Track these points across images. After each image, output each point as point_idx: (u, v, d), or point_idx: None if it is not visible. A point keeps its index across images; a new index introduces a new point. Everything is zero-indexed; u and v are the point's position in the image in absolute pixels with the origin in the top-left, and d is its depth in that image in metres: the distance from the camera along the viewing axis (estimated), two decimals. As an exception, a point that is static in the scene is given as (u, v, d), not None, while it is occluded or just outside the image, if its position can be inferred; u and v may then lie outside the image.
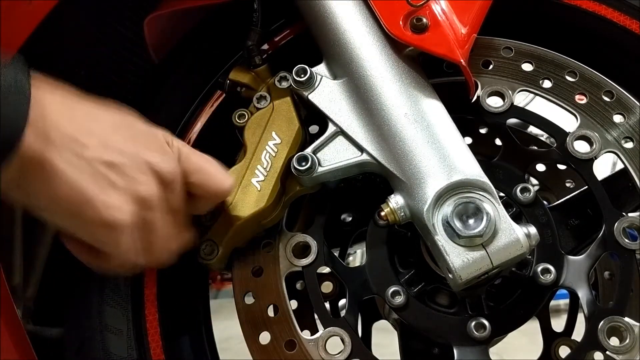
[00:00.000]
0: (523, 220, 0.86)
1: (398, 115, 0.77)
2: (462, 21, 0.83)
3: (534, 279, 0.82)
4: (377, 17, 0.80)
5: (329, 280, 1.04)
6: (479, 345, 0.81)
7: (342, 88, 0.81)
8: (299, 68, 0.82)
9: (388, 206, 0.78)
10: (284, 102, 0.85)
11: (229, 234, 0.80)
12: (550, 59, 0.90)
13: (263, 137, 0.83)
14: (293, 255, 0.84)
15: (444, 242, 0.73)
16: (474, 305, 0.85)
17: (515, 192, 0.86)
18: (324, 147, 0.80)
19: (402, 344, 0.92)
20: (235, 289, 0.84)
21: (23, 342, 0.77)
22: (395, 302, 0.83)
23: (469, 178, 0.75)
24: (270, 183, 0.81)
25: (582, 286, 0.83)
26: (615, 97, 0.87)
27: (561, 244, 0.85)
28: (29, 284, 0.93)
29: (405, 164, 0.76)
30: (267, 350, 0.81)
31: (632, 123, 0.86)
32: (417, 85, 0.80)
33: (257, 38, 0.88)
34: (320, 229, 0.86)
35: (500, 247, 0.73)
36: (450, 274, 0.73)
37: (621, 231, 0.82)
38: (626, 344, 0.78)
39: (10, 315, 0.75)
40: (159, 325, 0.86)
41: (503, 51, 0.91)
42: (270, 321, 0.82)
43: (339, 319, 0.83)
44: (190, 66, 0.97)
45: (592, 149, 0.86)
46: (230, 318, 0.95)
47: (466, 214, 0.73)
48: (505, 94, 0.89)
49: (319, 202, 0.88)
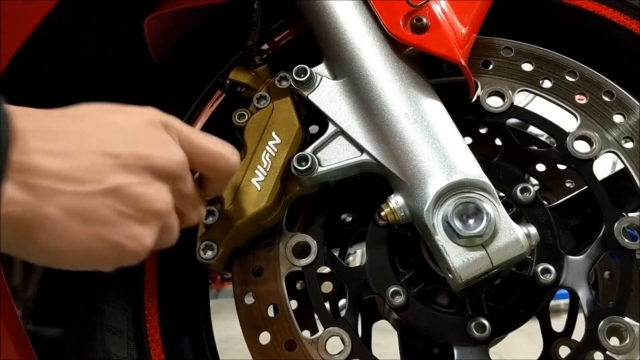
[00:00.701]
0: (523, 220, 0.86)
1: (398, 115, 0.77)
2: (462, 21, 0.83)
3: (534, 279, 0.82)
4: (377, 17, 0.80)
5: (329, 280, 1.04)
6: (479, 345, 0.81)
7: (342, 88, 0.81)
8: (299, 68, 0.82)
9: (388, 206, 0.78)
10: (284, 102, 0.85)
11: (229, 234, 0.80)
12: (550, 59, 0.90)
13: (263, 137, 0.83)
14: (293, 255, 0.84)
15: (444, 242, 0.73)
16: (474, 305, 0.85)
17: (515, 192, 0.86)
18: (324, 147, 0.80)
19: (402, 344, 0.92)
20: (235, 289, 0.84)
21: (23, 342, 0.77)
22: (395, 302, 0.83)
23: (469, 178, 0.75)
24: (270, 183, 0.81)
25: (582, 286, 0.83)
26: (615, 97, 0.87)
27: (561, 244, 0.85)
28: (29, 284, 0.93)
29: (405, 164, 0.76)
30: (267, 350, 0.81)
31: (632, 123, 0.86)
32: (417, 85, 0.80)
33: (257, 38, 0.88)
34: (320, 229, 0.86)
35: (500, 247, 0.73)
36: (450, 274, 0.73)
37: (621, 231, 0.82)
38: (626, 344, 0.78)
39: (10, 315, 0.75)
40: (159, 325, 0.87)
41: (503, 51, 0.91)
42: (270, 321, 0.82)
43: (339, 319, 0.83)
44: (190, 66, 0.97)
45: (592, 149, 0.86)
46: (230, 318, 0.95)
47: (466, 214, 0.73)
48: (505, 94, 0.89)
49: (319, 202, 0.88)
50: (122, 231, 0.54)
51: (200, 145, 0.64)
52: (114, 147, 0.54)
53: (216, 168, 0.67)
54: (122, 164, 0.54)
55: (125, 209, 0.54)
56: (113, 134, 0.56)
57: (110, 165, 0.53)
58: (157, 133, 0.59)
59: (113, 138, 0.55)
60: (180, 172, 0.60)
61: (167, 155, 0.58)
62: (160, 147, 0.58)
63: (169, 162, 0.58)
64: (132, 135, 0.57)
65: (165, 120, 0.61)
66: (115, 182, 0.53)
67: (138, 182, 0.55)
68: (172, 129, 0.61)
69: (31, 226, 0.49)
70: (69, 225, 0.50)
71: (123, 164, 0.54)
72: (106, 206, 0.52)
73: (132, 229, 0.54)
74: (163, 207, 0.57)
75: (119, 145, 0.55)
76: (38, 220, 0.49)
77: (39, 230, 0.49)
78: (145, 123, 0.59)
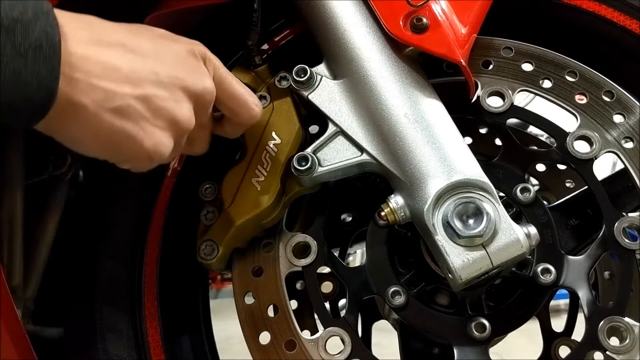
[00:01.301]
0: (523, 220, 0.86)
1: (398, 115, 0.77)
2: (462, 21, 0.83)
3: (534, 279, 0.82)
4: (377, 17, 0.80)
5: (329, 280, 1.04)
6: (479, 345, 0.81)
7: (342, 88, 0.81)
8: (299, 68, 0.82)
9: (388, 206, 0.78)
10: (284, 102, 0.85)
11: (229, 234, 0.80)
12: (550, 59, 0.90)
13: (263, 137, 0.83)
14: (293, 255, 0.84)
15: (444, 242, 0.73)
16: (474, 305, 0.85)
17: (515, 192, 0.86)
18: (324, 147, 0.80)
19: (402, 344, 0.92)
20: (235, 289, 0.84)
21: (23, 342, 0.77)
22: (395, 302, 0.83)
23: (469, 178, 0.75)
24: (270, 183, 0.81)
25: (582, 286, 0.83)
26: (615, 97, 0.87)
27: (561, 244, 0.85)
28: (29, 284, 0.93)
29: (405, 164, 0.76)
30: (267, 350, 0.81)
31: (632, 123, 0.86)
32: (417, 85, 0.80)
33: (257, 38, 0.88)
34: (320, 229, 0.86)
35: (500, 247, 0.73)
36: (450, 274, 0.73)
37: (621, 231, 0.82)
38: (626, 344, 0.78)
39: (10, 315, 0.75)
40: (159, 325, 0.87)
41: (503, 51, 0.91)
42: (270, 321, 0.82)
43: (339, 319, 0.83)
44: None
45: (592, 149, 0.86)
46: (230, 318, 0.95)
47: (466, 214, 0.73)
48: (505, 94, 0.89)
49: (319, 202, 0.88)
50: (144, 132, 0.60)
51: (229, 87, 0.71)
52: (155, 64, 0.61)
53: (238, 113, 0.73)
54: (159, 80, 0.61)
55: (151, 116, 0.60)
56: (157, 53, 0.63)
57: (149, 77, 0.60)
58: (196, 62, 0.66)
59: (157, 56, 0.62)
60: (205, 100, 0.67)
61: (199, 82, 0.65)
62: (195, 74, 0.65)
63: (199, 88, 0.65)
64: (174, 59, 0.64)
65: (206, 54, 0.68)
66: (149, 92, 0.60)
67: (169, 97, 0.62)
68: (210, 63, 0.68)
69: (64, 112, 0.54)
70: (99, 117, 0.56)
71: (160, 80, 0.61)
72: (136, 109, 0.59)
73: (154, 132, 0.61)
74: (185, 120, 0.64)
75: (160, 63, 0.62)
76: (76, 111, 0.55)
77: (75, 118, 0.55)
78: (187, 51, 0.66)
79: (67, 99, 0.54)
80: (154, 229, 0.91)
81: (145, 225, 0.90)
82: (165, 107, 0.61)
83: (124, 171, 0.67)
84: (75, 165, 0.97)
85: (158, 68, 0.61)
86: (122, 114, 0.58)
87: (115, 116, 0.57)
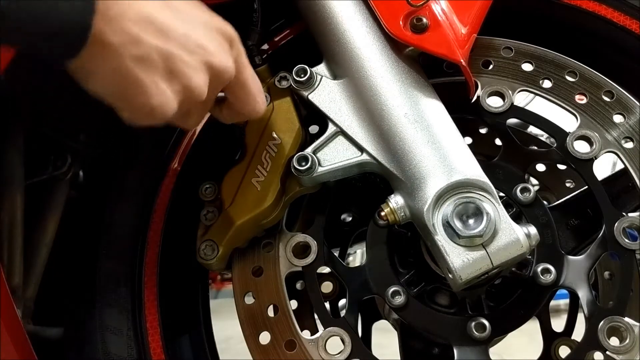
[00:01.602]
0: (523, 220, 0.86)
1: (398, 115, 0.77)
2: (462, 21, 0.83)
3: (534, 279, 0.82)
4: (377, 17, 0.80)
5: (329, 280, 1.04)
6: (479, 345, 0.81)
7: (342, 88, 0.81)
8: (299, 68, 0.82)
9: (388, 206, 0.78)
10: (284, 102, 0.85)
11: (229, 234, 0.80)
12: (550, 59, 0.90)
13: (263, 137, 0.83)
14: (293, 255, 0.84)
15: (444, 242, 0.73)
16: (474, 305, 0.85)
17: (515, 192, 0.86)
18: (324, 147, 0.80)
19: (402, 344, 0.92)
20: (235, 289, 0.84)
21: (23, 342, 0.77)
22: (395, 302, 0.83)
23: (469, 178, 0.75)
24: (270, 183, 0.81)
25: (582, 286, 0.83)
26: (615, 97, 0.87)
27: (561, 244, 0.85)
28: (29, 283, 0.93)
29: (405, 164, 0.76)
30: (267, 350, 0.81)
31: (632, 123, 0.86)
32: (417, 85, 0.80)
33: (257, 38, 0.88)
34: (320, 229, 0.86)
35: (500, 247, 0.73)
36: (450, 274, 0.73)
37: (621, 231, 0.82)
38: (626, 344, 0.78)
39: (10, 315, 0.75)
40: (159, 325, 0.87)
41: (503, 51, 0.91)
42: (270, 321, 0.82)
43: (339, 319, 0.83)
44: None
45: (592, 149, 0.86)
46: (230, 318, 0.95)
47: (466, 214, 0.73)
48: (505, 94, 0.89)
49: (319, 202, 0.88)
50: (157, 87, 0.60)
51: (243, 77, 0.72)
52: (188, 28, 0.63)
53: (244, 103, 0.74)
54: (188, 44, 0.63)
55: (168, 74, 0.61)
56: (193, 19, 0.65)
57: (179, 38, 0.62)
58: (223, 42, 0.68)
59: (192, 22, 0.64)
60: (222, 79, 0.68)
61: (223, 60, 0.67)
62: (221, 51, 0.67)
63: (221, 66, 0.66)
64: (206, 30, 0.66)
65: (235, 38, 0.70)
66: (174, 51, 0.61)
67: (190, 63, 0.63)
68: (235, 47, 0.70)
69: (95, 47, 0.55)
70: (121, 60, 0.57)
71: (188, 45, 0.63)
72: (157, 63, 0.60)
73: (165, 91, 0.61)
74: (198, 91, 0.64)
75: (193, 29, 0.64)
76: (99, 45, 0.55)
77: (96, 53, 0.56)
78: (219, 28, 0.68)
79: (98, 35, 0.55)
80: (154, 229, 0.91)
81: (145, 225, 0.90)
82: (183, 71, 0.62)
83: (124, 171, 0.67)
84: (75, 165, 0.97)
85: (190, 32, 0.63)
86: (142, 63, 0.59)
87: (136, 63, 0.58)
